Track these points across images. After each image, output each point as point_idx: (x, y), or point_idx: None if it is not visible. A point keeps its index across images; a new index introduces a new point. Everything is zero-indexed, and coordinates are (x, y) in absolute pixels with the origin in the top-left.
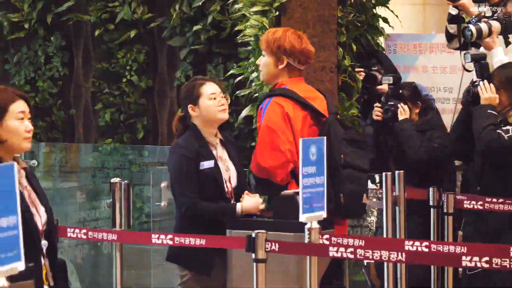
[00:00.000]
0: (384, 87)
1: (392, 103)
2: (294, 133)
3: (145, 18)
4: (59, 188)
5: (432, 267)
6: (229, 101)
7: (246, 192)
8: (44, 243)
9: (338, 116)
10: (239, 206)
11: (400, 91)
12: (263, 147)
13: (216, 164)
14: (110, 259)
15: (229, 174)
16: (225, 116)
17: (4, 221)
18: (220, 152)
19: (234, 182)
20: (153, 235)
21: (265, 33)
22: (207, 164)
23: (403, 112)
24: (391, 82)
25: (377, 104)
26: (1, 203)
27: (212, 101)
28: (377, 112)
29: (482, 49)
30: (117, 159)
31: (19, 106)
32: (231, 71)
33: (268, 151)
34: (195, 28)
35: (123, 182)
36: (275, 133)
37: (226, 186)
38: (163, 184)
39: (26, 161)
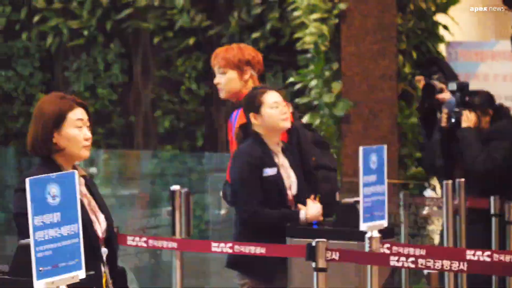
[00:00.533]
0: (444, 95)
1: (458, 110)
2: None
3: (204, 25)
4: (118, 195)
5: (493, 276)
6: (291, 109)
7: (312, 197)
8: (104, 250)
9: (302, 121)
10: (303, 213)
11: (467, 98)
12: None
13: (278, 171)
14: (170, 267)
15: (290, 181)
16: (287, 124)
17: (65, 230)
18: (282, 160)
19: (294, 189)
20: (213, 243)
21: (216, 54)
22: (270, 171)
23: (467, 119)
24: (454, 88)
25: (445, 111)
26: (62, 211)
27: (274, 110)
28: (443, 119)
29: None
30: (177, 166)
31: (78, 114)
32: (291, 79)
33: None
34: (254, 35)
35: (183, 190)
36: None
37: (287, 193)
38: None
39: (85, 168)
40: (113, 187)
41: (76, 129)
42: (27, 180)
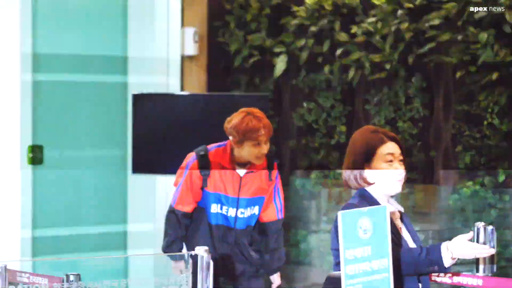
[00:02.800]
0: None
1: None
2: None
3: (508, 60)
4: (419, 230)
5: None
6: None
7: None
8: None
9: None
10: None
11: None
12: None
13: None
14: None
15: None
16: None
17: (375, 264)
18: None
19: None
20: None
21: (264, 125)
22: None
23: None
24: None
25: None
26: (373, 245)
27: None
28: None
29: None
30: (477, 202)
31: (389, 148)
32: None
33: None
34: None
35: (488, 227)
36: None
37: None
38: None
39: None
40: (412, 221)
41: (387, 164)
42: (340, 213)
